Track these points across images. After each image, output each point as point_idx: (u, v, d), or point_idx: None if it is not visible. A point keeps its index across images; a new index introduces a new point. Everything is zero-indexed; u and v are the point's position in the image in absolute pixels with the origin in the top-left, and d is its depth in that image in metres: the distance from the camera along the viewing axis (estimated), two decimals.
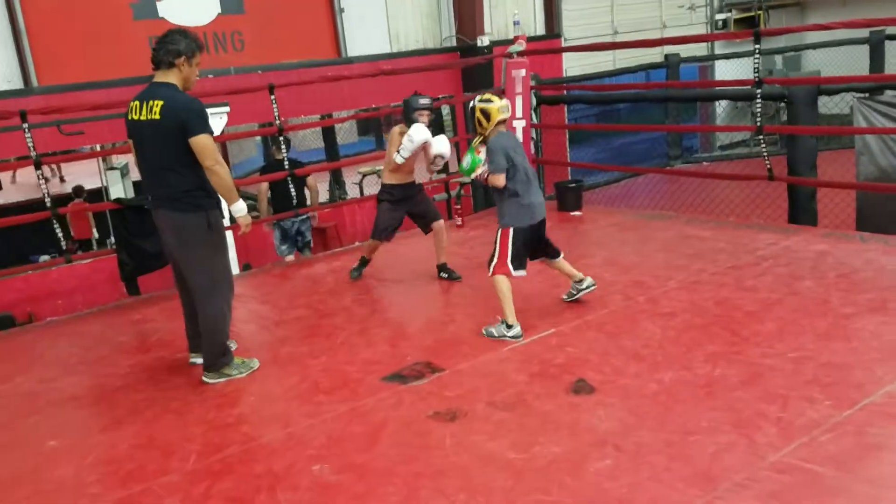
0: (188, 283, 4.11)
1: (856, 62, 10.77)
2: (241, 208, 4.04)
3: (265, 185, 7.15)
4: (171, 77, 3.91)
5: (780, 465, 2.81)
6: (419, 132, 5.15)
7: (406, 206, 5.57)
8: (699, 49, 13.21)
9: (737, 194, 7.43)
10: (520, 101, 7.70)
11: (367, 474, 3.05)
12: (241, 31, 8.86)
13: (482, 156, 4.47)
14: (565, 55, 11.16)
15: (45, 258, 8.78)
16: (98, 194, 9.49)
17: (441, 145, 5.27)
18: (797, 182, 6.26)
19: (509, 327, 4.35)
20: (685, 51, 11.31)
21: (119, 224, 6.07)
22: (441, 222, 5.59)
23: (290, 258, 7.31)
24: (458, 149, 7.87)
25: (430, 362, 4.09)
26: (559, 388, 3.64)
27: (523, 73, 7.69)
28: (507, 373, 3.91)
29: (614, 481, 2.82)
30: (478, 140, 4.52)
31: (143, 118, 3.85)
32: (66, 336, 5.30)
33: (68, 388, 4.31)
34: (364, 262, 5.92)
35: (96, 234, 10.37)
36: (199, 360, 4.27)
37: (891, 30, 9.92)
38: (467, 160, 4.55)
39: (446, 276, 5.62)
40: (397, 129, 5.41)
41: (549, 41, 11.30)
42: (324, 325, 4.93)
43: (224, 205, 4.18)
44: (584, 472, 2.91)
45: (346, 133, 10.96)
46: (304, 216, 7.26)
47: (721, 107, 12.10)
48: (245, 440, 3.45)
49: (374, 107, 9.60)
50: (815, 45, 11.58)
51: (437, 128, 5.99)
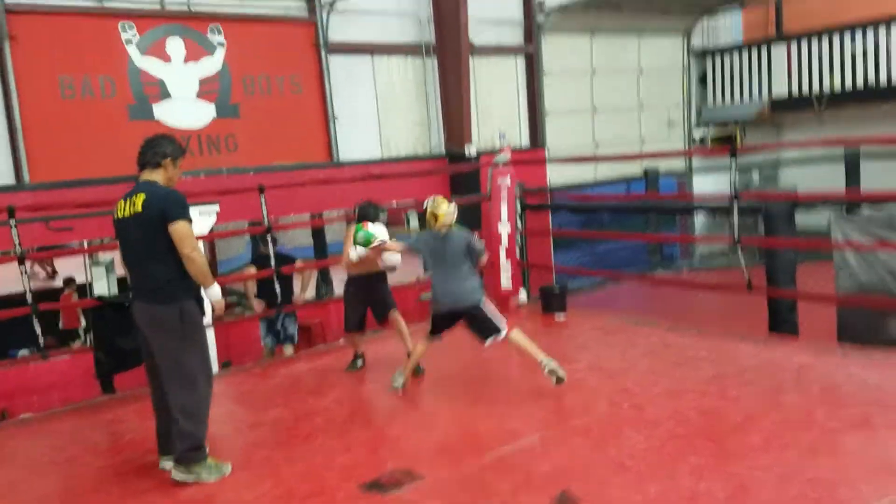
0: (162, 376, 4.05)
1: (832, 178, 11.16)
2: (214, 292, 4.12)
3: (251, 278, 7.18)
4: (155, 176, 4.10)
5: None
6: (380, 232, 5.38)
7: (363, 296, 5.85)
8: (677, 163, 13.68)
9: (717, 303, 7.51)
10: (505, 207, 7.88)
11: None
12: (236, 134, 9.11)
13: (372, 230, 5.29)
14: (549, 165, 11.52)
15: (23, 353, 8.63)
16: (85, 288, 9.47)
17: (392, 258, 5.45)
18: (776, 294, 6.35)
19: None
20: (664, 165, 11.69)
21: (99, 321, 6.00)
22: (395, 312, 5.85)
23: (289, 350, 7.31)
24: None
25: (411, 470, 3.98)
26: (544, 500, 3.54)
27: (509, 181, 7.92)
28: (491, 482, 3.81)
29: None
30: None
31: (126, 215, 4.01)
32: (39, 434, 5.15)
33: (37, 489, 4.15)
34: (356, 356, 6.07)
35: (84, 324, 10.28)
36: (169, 465, 4.16)
37: (865, 148, 10.32)
38: (361, 235, 5.26)
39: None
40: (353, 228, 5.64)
41: (534, 152, 11.70)
42: (302, 426, 4.82)
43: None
44: None
45: (336, 232, 11.08)
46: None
47: (700, 218, 12.41)
48: None
49: None
50: (791, 161, 12.02)
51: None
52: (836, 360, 5.35)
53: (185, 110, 8.81)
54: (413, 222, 14.72)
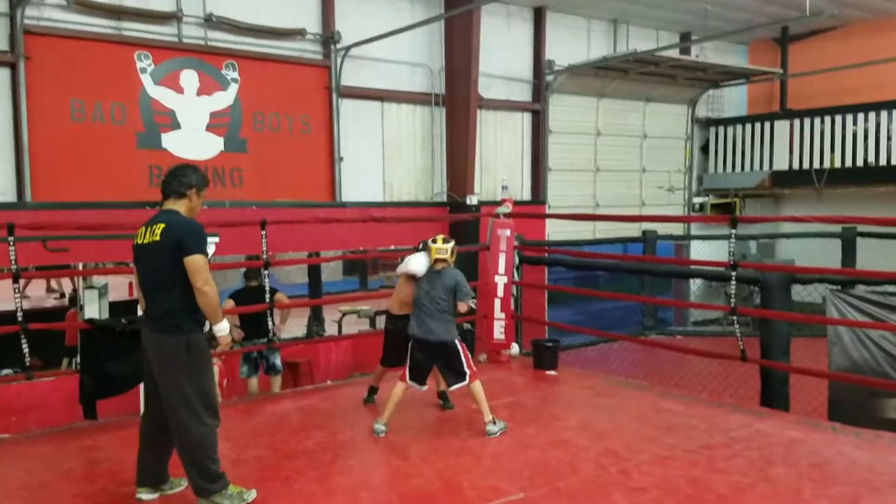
0: (164, 407, 4.01)
1: (828, 254, 11.23)
2: (223, 328, 4.10)
3: (230, 307, 7.18)
4: (178, 206, 4.12)
5: None
6: (416, 260, 5.62)
7: (403, 334, 5.72)
8: (675, 228, 13.78)
9: (709, 370, 7.47)
10: (503, 258, 7.90)
11: None
12: (242, 168, 9.19)
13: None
14: (549, 220, 11.60)
15: (7, 372, 8.51)
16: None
17: (414, 265, 5.64)
18: (770, 366, 6.33)
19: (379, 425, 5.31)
20: (662, 228, 11.79)
21: (88, 345, 5.94)
22: None
23: (254, 381, 7.33)
24: None
25: None
26: None
27: (508, 232, 7.95)
28: None
29: None
30: None
31: (145, 241, 4.03)
32: (13, 457, 5.03)
33: None
34: (372, 390, 6.17)
35: None
36: (146, 496, 4.11)
37: (862, 227, 10.42)
38: None
39: (442, 403, 5.91)
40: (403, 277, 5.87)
41: (535, 206, 11.79)
42: (282, 467, 4.74)
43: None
44: None
45: (332, 272, 11.09)
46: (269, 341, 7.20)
47: (695, 284, 12.43)
48: None
49: (361, 249, 9.78)
50: (789, 235, 12.12)
51: None
52: (827, 436, 5.30)
53: (193, 142, 8.90)
54: None
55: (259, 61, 9.35)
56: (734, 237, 6.21)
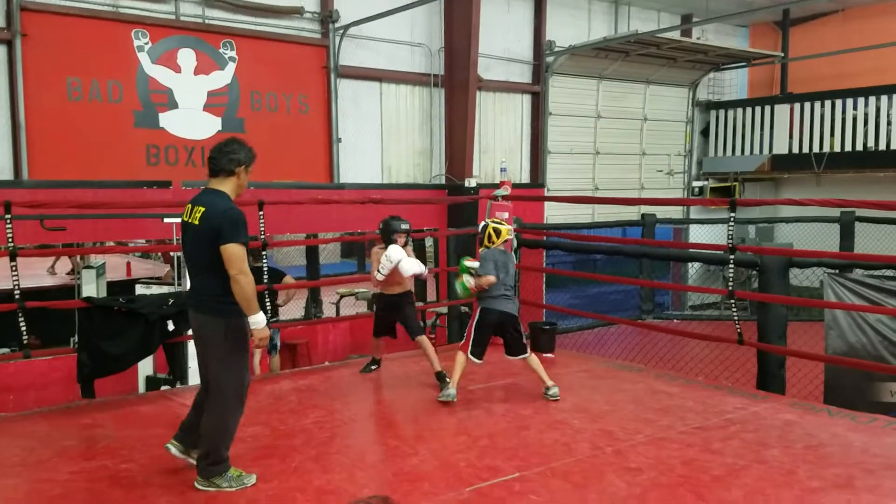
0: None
1: (826, 239, 11.24)
2: (259, 320, 3.97)
3: None
4: (225, 185, 4.04)
5: None
6: (395, 253, 5.86)
7: (391, 313, 6.18)
8: (675, 212, 13.78)
9: (706, 354, 7.48)
10: None
11: None
12: None
13: (467, 278, 5.63)
14: (547, 204, 11.57)
15: (3, 351, 8.51)
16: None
17: (412, 266, 5.90)
18: (767, 349, 6.35)
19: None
20: (661, 212, 11.78)
21: (85, 323, 5.94)
22: (422, 338, 6.10)
23: (255, 360, 7.45)
24: (438, 280, 7.94)
25: (388, 497, 3.92)
26: None
27: (506, 215, 7.92)
28: None
29: None
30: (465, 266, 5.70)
31: (187, 220, 4.02)
32: (11, 435, 5.04)
33: (1, 492, 4.05)
34: (373, 360, 6.51)
35: None
36: (173, 450, 4.21)
37: (861, 211, 10.43)
38: (459, 289, 5.75)
39: (440, 384, 5.90)
40: (377, 248, 6.13)
41: (534, 189, 11.76)
42: (280, 445, 4.75)
43: None
44: None
45: (330, 254, 11.08)
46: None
47: (693, 268, 12.45)
48: None
49: (359, 231, 9.77)
50: (787, 220, 12.12)
51: (419, 257, 6.60)
52: (822, 419, 5.32)
53: (190, 121, 8.85)
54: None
55: (257, 40, 9.28)
56: (734, 220, 6.20)
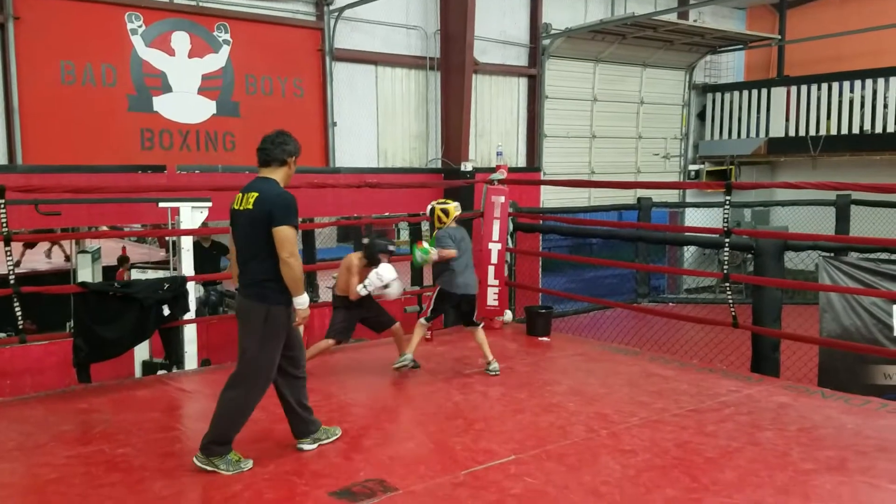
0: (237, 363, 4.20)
1: (822, 222, 11.25)
2: (303, 301, 4.15)
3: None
4: (276, 174, 4.22)
5: None
6: (388, 274, 5.74)
7: (359, 310, 6.01)
8: (671, 195, 13.77)
9: (701, 337, 7.51)
10: (497, 225, 7.88)
11: None
12: (234, 132, 9.09)
13: (426, 245, 5.78)
14: (543, 188, 11.55)
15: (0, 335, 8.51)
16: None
17: (397, 291, 5.89)
18: (761, 332, 6.37)
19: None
20: (657, 196, 11.78)
21: (80, 308, 5.93)
22: (398, 325, 6.11)
23: None
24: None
25: (384, 480, 3.95)
26: None
27: (503, 199, 7.92)
28: (463, 499, 3.78)
29: None
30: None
31: (240, 208, 4.16)
32: (7, 419, 5.05)
33: None
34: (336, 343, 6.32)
35: None
36: (306, 447, 4.39)
37: (856, 195, 10.43)
38: (418, 255, 5.76)
39: (413, 364, 5.98)
40: (355, 257, 5.96)
41: (530, 173, 11.73)
42: (276, 429, 4.76)
43: None
44: None
45: (326, 238, 11.05)
46: None
47: (689, 252, 12.47)
48: None
49: (356, 216, 9.75)
50: (783, 203, 12.13)
51: (415, 240, 6.57)
52: (816, 401, 5.36)
53: (184, 104, 8.80)
54: (404, 235, 14.71)
55: (251, 23, 9.21)
56: (729, 204, 6.20)
